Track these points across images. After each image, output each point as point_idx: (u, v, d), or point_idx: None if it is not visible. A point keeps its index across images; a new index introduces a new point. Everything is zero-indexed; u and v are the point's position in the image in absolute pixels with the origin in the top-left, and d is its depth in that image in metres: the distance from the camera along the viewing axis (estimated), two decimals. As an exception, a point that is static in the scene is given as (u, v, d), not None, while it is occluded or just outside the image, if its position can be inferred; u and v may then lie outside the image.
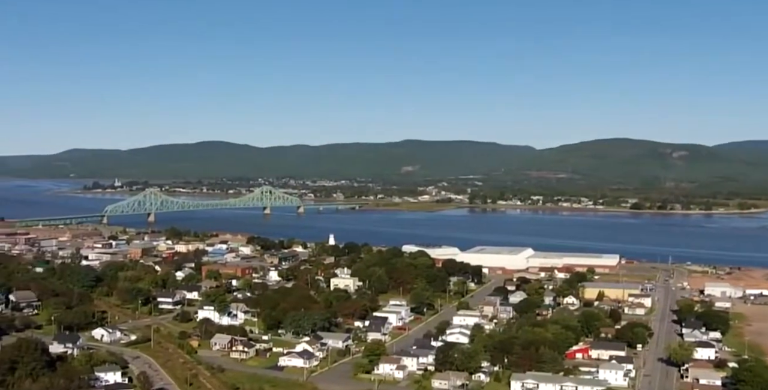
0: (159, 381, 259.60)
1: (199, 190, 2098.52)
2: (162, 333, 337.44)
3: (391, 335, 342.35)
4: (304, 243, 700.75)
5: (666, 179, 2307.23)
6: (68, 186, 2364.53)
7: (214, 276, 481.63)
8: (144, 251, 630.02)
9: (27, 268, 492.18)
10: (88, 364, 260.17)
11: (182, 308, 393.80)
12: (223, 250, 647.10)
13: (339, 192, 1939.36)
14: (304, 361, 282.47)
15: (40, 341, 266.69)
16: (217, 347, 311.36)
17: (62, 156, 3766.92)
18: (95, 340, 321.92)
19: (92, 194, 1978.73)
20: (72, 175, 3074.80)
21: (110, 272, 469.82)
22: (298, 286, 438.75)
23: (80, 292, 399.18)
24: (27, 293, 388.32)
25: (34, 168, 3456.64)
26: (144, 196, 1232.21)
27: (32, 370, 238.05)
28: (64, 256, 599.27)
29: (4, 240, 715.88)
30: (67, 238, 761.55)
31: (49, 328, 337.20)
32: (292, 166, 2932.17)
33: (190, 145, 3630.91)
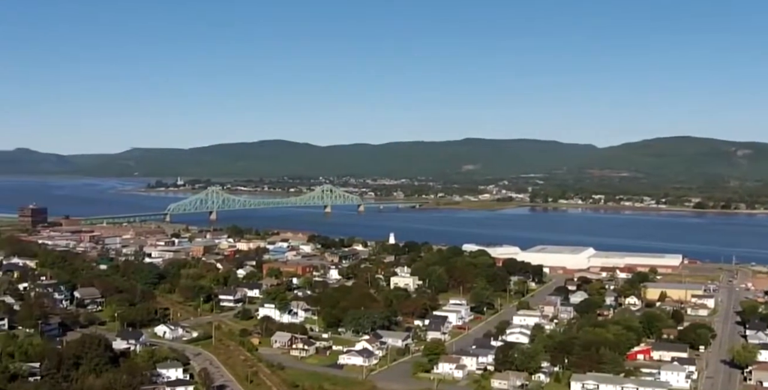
0: (220, 378, 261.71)
1: (261, 188, 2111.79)
2: (223, 330, 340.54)
3: (450, 334, 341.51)
4: (365, 241, 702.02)
5: (730, 178, 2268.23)
6: (132, 184, 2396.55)
7: (275, 274, 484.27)
8: (206, 249, 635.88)
9: (91, 265, 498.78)
10: (150, 360, 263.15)
11: (243, 306, 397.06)
12: (284, 248, 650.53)
13: (399, 191, 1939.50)
14: (364, 360, 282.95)
15: (104, 337, 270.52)
16: (277, 345, 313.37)
17: (127, 155, 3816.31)
18: (157, 337, 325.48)
19: (155, 193, 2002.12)
20: (136, 173, 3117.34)
21: (173, 270, 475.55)
22: (358, 285, 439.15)
23: (143, 290, 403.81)
24: (91, 290, 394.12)
25: (99, 167, 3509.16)
26: (206, 195, 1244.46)
27: (96, 366, 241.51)
28: (128, 253, 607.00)
29: (70, 238, 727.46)
30: (131, 235, 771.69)
31: (113, 324, 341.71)
32: (352, 165, 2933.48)
33: (251, 144, 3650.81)
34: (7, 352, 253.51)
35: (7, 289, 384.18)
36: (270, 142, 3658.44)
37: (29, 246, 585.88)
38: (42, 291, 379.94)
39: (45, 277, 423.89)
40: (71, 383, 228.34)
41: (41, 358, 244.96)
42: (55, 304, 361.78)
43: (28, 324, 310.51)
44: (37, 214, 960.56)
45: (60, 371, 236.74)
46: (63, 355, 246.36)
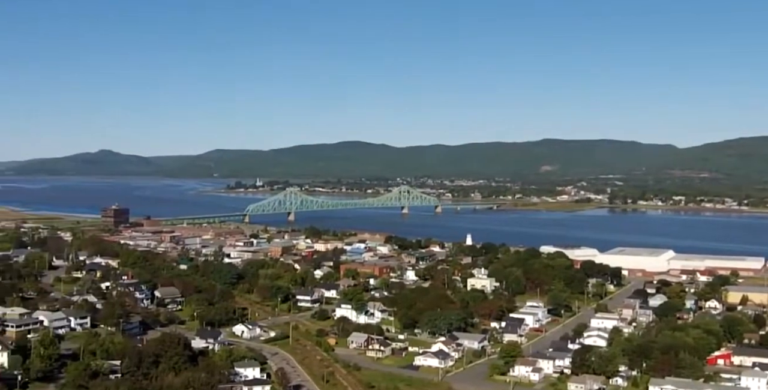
0: (296, 377, 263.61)
1: (338, 189, 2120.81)
2: (300, 330, 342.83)
3: (527, 337, 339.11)
4: (442, 243, 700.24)
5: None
6: (212, 185, 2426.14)
7: (352, 275, 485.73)
8: (284, 249, 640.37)
9: (172, 265, 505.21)
10: (228, 359, 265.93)
11: (320, 306, 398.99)
12: (361, 249, 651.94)
13: (477, 192, 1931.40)
14: (440, 361, 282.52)
15: (183, 336, 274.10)
16: (353, 345, 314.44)
17: (207, 156, 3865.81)
18: (235, 336, 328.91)
19: (235, 193, 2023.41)
20: (216, 174, 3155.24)
21: (251, 270, 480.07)
22: (434, 286, 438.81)
23: (222, 289, 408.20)
24: (171, 289, 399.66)
25: (180, 168, 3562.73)
26: (284, 196, 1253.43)
27: (175, 364, 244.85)
28: (207, 253, 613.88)
29: (151, 238, 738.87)
30: (211, 236, 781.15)
31: (192, 323, 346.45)
32: (429, 166, 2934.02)
33: (329, 145, 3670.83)
34: (89, 349, 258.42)
35: (90, 287, 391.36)
36: (348, 144, 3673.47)
37: (111, 246, 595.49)
38: (123, 290, 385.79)
39: (126, 277, 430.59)
40: (151, 381, 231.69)
41: (122, 356, 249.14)
42: (136, 303, 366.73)
43: (110, 322, 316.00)
44: (119, 214, 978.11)
45: (140, 369, 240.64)
46: (143, 353, 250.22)
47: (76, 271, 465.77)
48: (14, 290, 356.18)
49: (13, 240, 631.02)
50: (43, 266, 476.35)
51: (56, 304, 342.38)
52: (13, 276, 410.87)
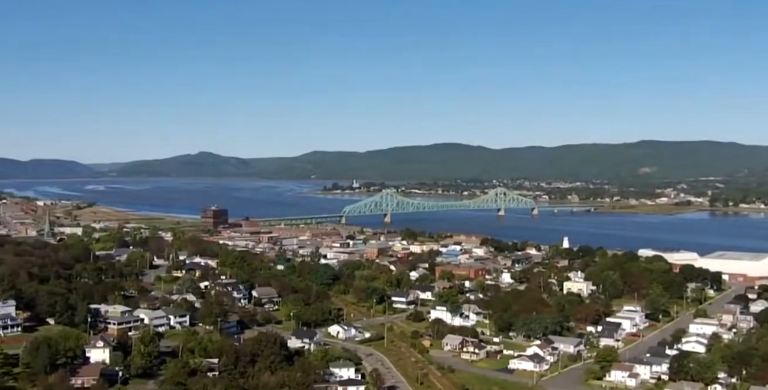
0: (390, 379, 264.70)
1: (434, 191, 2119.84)
2: (395, 332, 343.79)
3: (624, 341, 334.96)
4: (538, 245, 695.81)
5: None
6: (309, 187, 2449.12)
7: (448, 277, 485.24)
8: (380, 251, 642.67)
9: (269, 265, 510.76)
10: (323, 359, 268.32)
11: (415, 308, 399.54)
12: (456, 251, 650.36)
13: (574, 194, 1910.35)
14: (535, 365, 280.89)
15: (280, 336, 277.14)
16: (448, 347, 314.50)
17: (304, 158, 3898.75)
18: (331, 337, 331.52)
19: (332, 195, 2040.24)
20: (313, 176, 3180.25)
21: (347, 271, 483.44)
22: (530, 289, 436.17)
23: (318, 290, 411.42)
24: (268, 289, 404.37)
25: (277, 170, 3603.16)
26: (381, 197, 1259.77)
27: (271, 363, 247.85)
28: (304, 254, 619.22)
29: (249, 238, 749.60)
30: (308, 237, 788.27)
31: (288, 323, 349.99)
32: (526, 168, 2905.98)
33: (426, 147, 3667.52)
34: (187, 347, 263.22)
35: (189, 287, 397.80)
36: (444, 145, 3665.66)
37: (210, 246, 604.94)
38: (222, 290, 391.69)
39: (225, 277, 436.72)
40: (247, 380, 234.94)
41: (219, 355, 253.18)
42: (234, 302, 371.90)
43: (208, 321, 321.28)
44: (218, 215, 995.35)
45: (237, 368, 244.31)
46: (240, 352, 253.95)
47: (176, 270, 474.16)
48: (116, 288, 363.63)
49: (116, 239, 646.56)
50: (145, 265, 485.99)
51: (156, 303, 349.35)
52: (115, 275, 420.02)
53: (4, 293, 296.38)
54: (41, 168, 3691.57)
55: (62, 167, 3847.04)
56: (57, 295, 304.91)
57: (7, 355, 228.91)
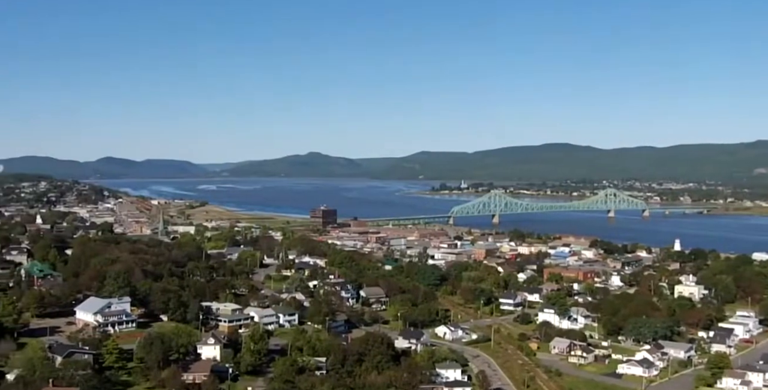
0: (497, 381, 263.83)
1: (543, 192, 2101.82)
2: (502, 333, 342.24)
3: (736, 348, 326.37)
4: (649, 248, 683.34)
5: None
6: (417, 187, 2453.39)
7: (556, 279, 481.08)
8: (488, 252, 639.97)
9: (377, 265, 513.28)
10: (430, 360, 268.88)
11: (523, 310, 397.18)
12: (565, 253, 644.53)
13: (686, 195, 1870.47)
14: (644, 370, 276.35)
15: (387, 336, 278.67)
16: (555, 351, 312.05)
17: (412, 158, 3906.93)
18: (438, 337, 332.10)
19: (440, 195, 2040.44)
20: (421, 176, 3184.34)
21: (455, 272, 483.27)
22: (640, 292, 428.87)
23: (426, 290, 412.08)
24: (376, 289, 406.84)
25: (386, 170, 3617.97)
26: (489, 198, 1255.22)
27: (378, 363, 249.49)
28: (412, 254, 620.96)
29: (357, 238, 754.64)
30: (415, 237, 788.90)
31: (396, 323, 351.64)
32: (637, 168, 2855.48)
33: (534, 147, 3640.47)
34: (296, 346, 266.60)
35: (299, 286, 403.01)
36: (553, 146, 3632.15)
37: (319, 245, 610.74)
38: (330, 289, 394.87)
39: (333, 276, 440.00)
40: (354, 379, 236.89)
41: (327, 354, 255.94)
42: (342, 301, 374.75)
43: (317, 320, 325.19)
44: (327, 215, 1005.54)
45: (344, 367, 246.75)
46: (348, 351, 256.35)
47: (286, 269, 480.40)
48: (227, 287, 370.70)
49: (227, 238, 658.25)
50: (255, 264, 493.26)
51: (266, 301, 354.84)
52: (226, 273, 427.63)
53: (120, 290, 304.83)
54: (155, 168, 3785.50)
55: (176, 167, 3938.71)
56: (170, 293, 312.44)
57: (122, 350, 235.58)
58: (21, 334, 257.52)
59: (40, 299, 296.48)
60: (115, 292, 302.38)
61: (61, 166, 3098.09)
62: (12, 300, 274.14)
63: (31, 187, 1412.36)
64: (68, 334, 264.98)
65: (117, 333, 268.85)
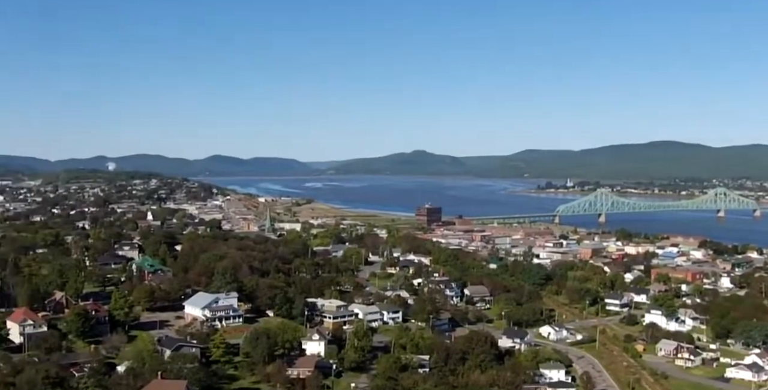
0: (601, 382, 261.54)
1: (650, 191, 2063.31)
2: (607, 334, 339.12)
3: None
4: (760, 249, 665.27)
5: None
6: (522, 186, 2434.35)
7: (664, 279, 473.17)
8: (594, 252, 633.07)
9: (481, 264, 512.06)
10: (533, 360, 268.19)
11: (629, 311, 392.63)
12: (673, 253, 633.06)
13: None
14: (753, 375, 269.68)
15: (490, 335, 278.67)
16: (662, 353, 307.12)
17: (518, 156, 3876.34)
18: (542, 337, 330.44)
19: (545, 194, 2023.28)
20: (526, 175, 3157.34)
21: (560, 271, 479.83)
22: (751, 295, 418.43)
23: (530, 290, 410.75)
24: (480, 288, 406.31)
25: (491, 168, 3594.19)
26: (595, 197, 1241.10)
27: (481, 362, 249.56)
28: (517, 253, 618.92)
29: (462, 236, 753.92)
30: (520, 236, 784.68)
31: (499, 322, 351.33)
32: (749, 167, 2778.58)
33: (641, 145, 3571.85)
34: (399, 343, 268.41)
35: (403, 283, 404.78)
36: (660, 143, 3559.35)
37: (424, 243, 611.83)
38: (434, 287, 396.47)
39: (438, 274, 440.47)
40: (457, 377, 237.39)
41: (430, 352, 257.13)
42: (446, 300, 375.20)
43: (420, 318, 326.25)
44: (432, 213, 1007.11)
45: (447, 365, 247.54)
46: (451, 349, 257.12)
47: (390, 267, 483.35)
48: (332, 283, 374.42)
49: (332, 236, 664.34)
50: (360, 261, 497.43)
51: (371, 298, 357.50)
52: (331, 270, 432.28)
53: (228, 286, 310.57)
54: (263, 166, 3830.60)
55: (282, 165, 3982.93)
56: (276, 289, 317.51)
57: (229, 345, 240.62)
58: (132, 327, 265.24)
59: (151, 294, 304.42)
60: (222, 288, 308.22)
61: (172, 164, 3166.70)
62: (124, 294, 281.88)
63: (143, 185, 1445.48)
64: (177, 328, 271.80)
65: (224, 328, 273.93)
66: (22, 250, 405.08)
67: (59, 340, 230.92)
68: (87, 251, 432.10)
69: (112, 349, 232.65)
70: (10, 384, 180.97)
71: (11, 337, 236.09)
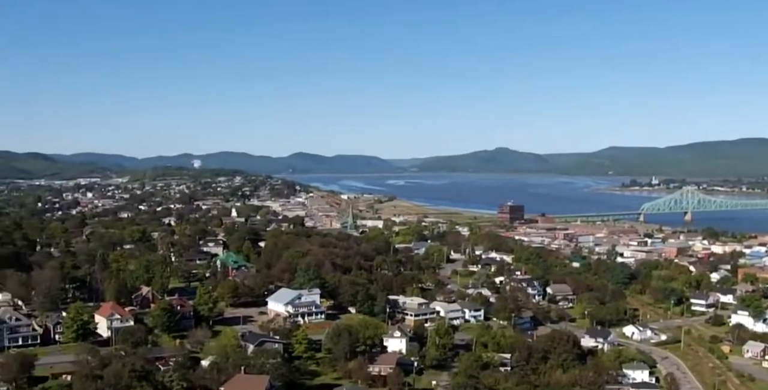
0: (686, 384, 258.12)
1: (738, 189, 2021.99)
2: (692, 335, 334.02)
3: None
4: None
5: None
6: (606, 183, 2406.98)
7: (751, 280, 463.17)
8: (679, 251, 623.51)
9: (564, 262, 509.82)
10: (616, 360, 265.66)
11: (715, 311, 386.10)
12: (761, 252, 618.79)
13: None
14: None
15: (573, 334, 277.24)
16: (749, 354, 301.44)
17: (602, 153, 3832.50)
18: (625, 337, 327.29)
19: (629, 192, 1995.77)
20: (610, 172, 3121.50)
21: (644, 270, 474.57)
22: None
23: (614, 289, 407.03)
24: (563, 287, 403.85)
25: (574, 165, 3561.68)
26: (681, 195, 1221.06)
27: (563, 362, 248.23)
28: (600, 252, 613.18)
29: (545, 234, 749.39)
30: (604, 234, 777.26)
31: (582, 321, 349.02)
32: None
33: (730, 142, 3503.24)
34: (481, 341, 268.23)
35: (485, 281, 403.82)
36: (750, 140, 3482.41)
37: (506, 241, 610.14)
38: (516, 285, 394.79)
39: (520, 272, 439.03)
40: (539, 376, 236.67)
41: (512, 350, 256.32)
42: (528, 298, 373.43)
43: (502, 316, 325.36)
44: (514, 211, 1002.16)
45: (529, 364, 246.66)
46: (533, 348, 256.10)
47: (472, 265, 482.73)
48: (414, 281, 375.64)
49: (415, 233, 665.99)
50: (442, 259, 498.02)
51: (452, 296, 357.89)
52: (413, 267, 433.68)
53: (310, 282, 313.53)
54: (345, 163, 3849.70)
55: (364, 162, 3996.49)
56: (358, 286, 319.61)
57: (311, 341, 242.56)
58: (216, 323, 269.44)
59: (234, 289, 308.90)
60: (305, 284, 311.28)
61: (256, 161, 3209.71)
62: (208, 290, 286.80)
63: (227, 182, 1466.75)
64: (260, 323, 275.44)
65: (306, 324, 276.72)
66: (110, 245, 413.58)
67: (145, 334, 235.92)
68: (173, 247, 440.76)
69: (197, 343, 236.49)
70: (97, 377, 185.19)
71: (99, 330, 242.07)
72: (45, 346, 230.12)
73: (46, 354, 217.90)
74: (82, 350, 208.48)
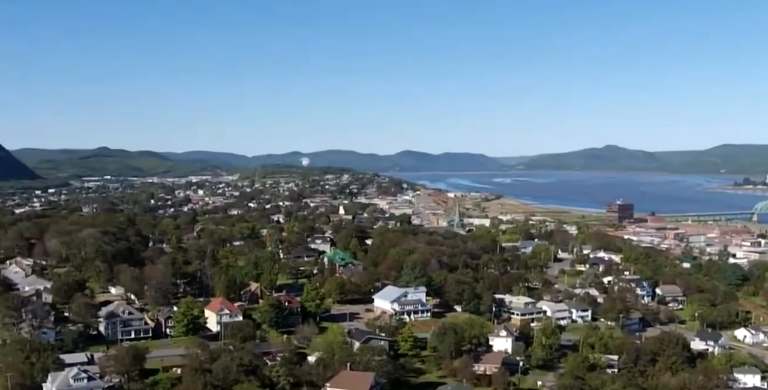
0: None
1: None
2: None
3: None
4: None
5: None
6: (718, 182, 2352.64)
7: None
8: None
9: (674, 262, 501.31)
10: (727, 364, 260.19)
11: None
12: None
13: None
14: None
15: (682, 336, 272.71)
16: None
17: (713, 151, 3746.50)
18: (737, 341, 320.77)
19: (743, 190, 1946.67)
20: (723, 170, 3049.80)
21: (758, 271, 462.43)
22: None
23: (725, 290, 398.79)
24: (672, 288, 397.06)
25: (685, 163, 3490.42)
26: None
27: (672, 364, 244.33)
28: (712, 252, 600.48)
29: (654, 234, 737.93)
30: (716, 234, 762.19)
31: (692, 323, 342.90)
32: None
33: None
34: (588, 342, 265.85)
35: (593, 281, 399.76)
36: None
37: (615, 241, 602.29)
38: (625, 286, 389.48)
39: (628, 272, 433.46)
40: (646, 379, 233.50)
41: (620, 352, 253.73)
42: (637, 299, 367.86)
43: (610, 317, 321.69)
44: (623, 209, 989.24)
45: (637, 366, 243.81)
46: (641, 350, 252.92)
47: (580, 264, 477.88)
48: (521, 280, 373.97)
49: (522, 232, 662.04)
50: (549, 258, 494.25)
51: (559, 296, 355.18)
52: (520, 266, 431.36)
53: (416, 280, 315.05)
54: (452, 161, 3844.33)
55: (471, 160, 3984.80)
56: (464, 284, 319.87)
57: (417, 339, 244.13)
58: (323, 319, 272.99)
59: (341, 286, 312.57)
60: (411, 282, 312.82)
61: (363, 159, 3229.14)
62: (315, 286, 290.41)
63: (335, 180, 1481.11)
64: (366, 320, 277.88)
65: (412, 321, 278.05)
66: (220, 242, 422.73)
67: (254, 329, 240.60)
68: (281, 244, 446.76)
69: (304, 339, 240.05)
70: (206, 370, 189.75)
71: (209, 325, 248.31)
72: (156, 340, 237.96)
73: (157, 347, 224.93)
74: (191, 344, 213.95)
